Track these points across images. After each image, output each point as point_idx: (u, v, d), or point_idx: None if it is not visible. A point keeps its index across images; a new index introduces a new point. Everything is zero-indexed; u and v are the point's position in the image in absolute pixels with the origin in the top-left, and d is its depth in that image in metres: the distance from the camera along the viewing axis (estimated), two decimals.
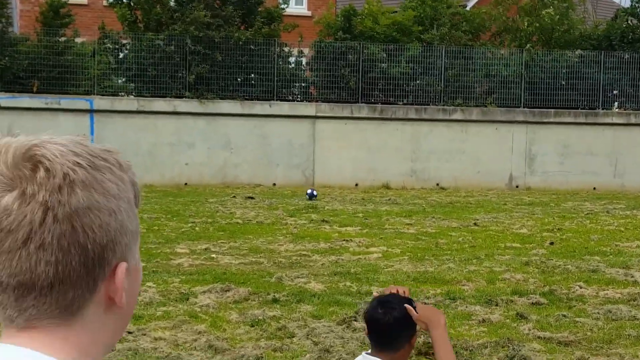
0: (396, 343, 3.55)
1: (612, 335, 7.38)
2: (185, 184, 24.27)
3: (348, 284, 9.55)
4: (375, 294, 3.52)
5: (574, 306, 8.55)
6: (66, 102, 22.82)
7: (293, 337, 7.09)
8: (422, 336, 6.96)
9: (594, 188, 25.28)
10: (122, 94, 25.06)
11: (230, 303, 8.54)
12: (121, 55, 25.35)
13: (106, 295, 0.93)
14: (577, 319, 7.91)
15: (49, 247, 0.86)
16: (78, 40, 23.85)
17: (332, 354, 6.51)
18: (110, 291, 0.93)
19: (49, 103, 22.61)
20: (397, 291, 3.58)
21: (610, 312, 8.16)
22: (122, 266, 0.93)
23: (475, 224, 15.31)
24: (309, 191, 20.20)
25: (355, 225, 15.52)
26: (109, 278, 0.92)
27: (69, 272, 0.87)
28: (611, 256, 11.86)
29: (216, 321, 7.72)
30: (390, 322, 3.54)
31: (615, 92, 26.92)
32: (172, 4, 24.73)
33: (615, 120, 25.80)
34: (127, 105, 24.16)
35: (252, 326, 7.50)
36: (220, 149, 24.65)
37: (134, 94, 24.98)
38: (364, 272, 10.41)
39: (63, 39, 23.35)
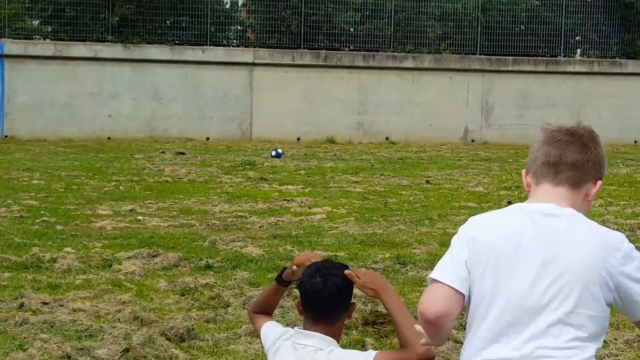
0: (335, 314, 3.58)
1: None
2: (109, 138, 24.08)
3: (289, 248, 9.60)
4: (289, 266, 3.46)
5: None
6: None
7: (228, 306, 7.10)
8: (369, 304, 7.03)
9: None
10: (37, 37, 24.63)
11: (158, 270, 8.52)
12: None
13: None
14: None
15: None
16: None
17: None
18: None
19: None
20: (310, 260, 3.65)
21: None
22: None
23: (427, 181, 15.51)
24: (273, 152, 20.12)
25: (297, 183, 15.60)
26: None
27: None
28: None
29: (142, 290, 7.68)
30: (332, 292, 3.54)
31: (577, 38, 27.36)
32: None
33: (578, 68, 26.34)
34: (43, 50, 23.79)
35: (183, 295, 7.50)
36: (148, 99, 24.50)
37: (50, 37, 24.53)
38: (306, 234, 10.50)
39: None
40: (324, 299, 3.55)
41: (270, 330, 3.81)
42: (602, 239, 3.08)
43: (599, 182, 3.13)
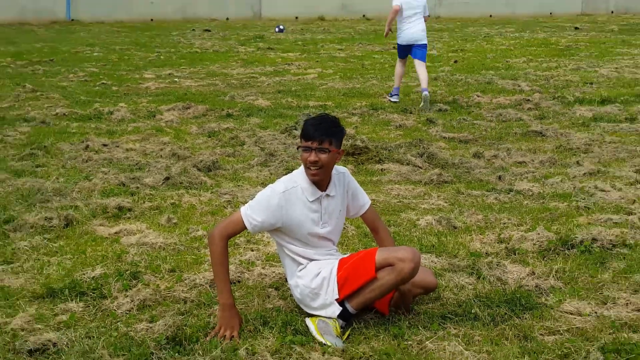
0: (340, 134, 3.37)
1: (502, 134, 7.49)
2: (152, 20, 23.15)
3: (289, 99, 9.41)
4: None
5: (473, 111, 8.63)
6: None
7: (243, 144, 6.99)
8: (349, 140, 6.91)
9: (490, 16, 25.05)
10: None
11: (190, 118, 8.33)
12: None
13: None
14: (475, 122, 7.98)
15: None
16: None
17: (276, 157, 6.49)
18: None
19: None
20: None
21: (501, 115, 8.27)
22: None
23: (394, 47, 15.12)
24: (277, 29, 19.45)
25: (296, 51, 15.19)
26: None
27: None
28: (503, 70, 11.90)
29: (179, 133, 7.55)
30: (333, 118, 3.37)
31: None
32: None
33: None
34: None
35: (209, 137, 7.38)
36: None
37: None
38: (302, 89, 10.29)
39: None
40: (326, 118, 3.38)
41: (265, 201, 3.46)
42: None
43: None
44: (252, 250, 4.22)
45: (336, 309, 3.32)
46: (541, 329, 3.32)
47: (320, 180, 3.34)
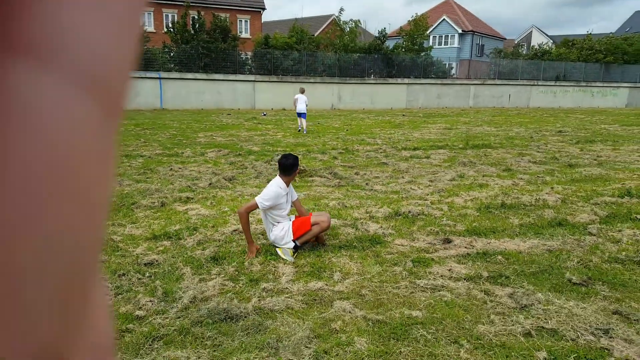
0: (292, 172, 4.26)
1: (368, 163, 8.94)
2: (202, 109, 26.09)
3: (268, 147, 10.74)
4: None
5: (354, 153, 9.93)
6: None
7: (246, 168, 8.11)
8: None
9: (363, 108, 29.69)
10: None
11: (221, 155, 9.63)
12: None
13: None
14: (356, 158, 9.20)
15: None
16: None
17: (263, 174, 7.66)
18: None
19: None
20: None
21: (367, 154, 9.46)
22: None
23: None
24: (262, 114, 21.29)
25: (271, 124, 17.34)
26: None
27: None
28: (369, 134, 13.68)
29: (215, 163, 8.59)
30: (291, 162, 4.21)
31: None
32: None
33: None
34: None
35: (230, 164, 8.53)
36: None
37: None
38: (274, 142, 11.61)
39: None
40: (286, 162, 4.25)
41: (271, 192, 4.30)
42: None
43: None
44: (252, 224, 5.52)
45: (291, 244, 4.36)
46: (383, 252, 4.49)
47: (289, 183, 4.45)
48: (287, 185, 4.46)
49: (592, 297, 3.90)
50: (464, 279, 4.20)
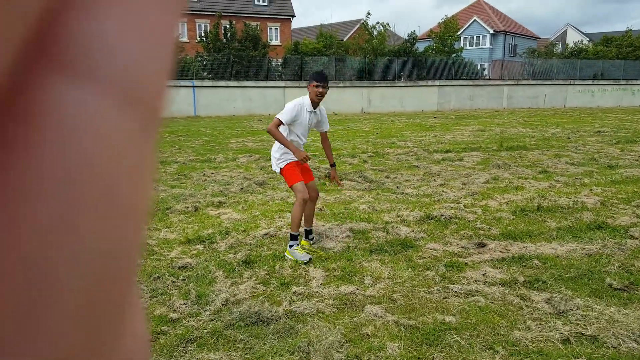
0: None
1: (398, 166, 9.27)
2: (233, 115, 26.68)
3: None
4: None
5: (385, 156, 10.34)
6: None
7: (276, 172, 8.24)
8: None
9: (394, 111, 29.02)
10: None
11: (252, 161, 9.79)
12: None
13: None
14: (386, 161, 9.87)
15: None
16: None
17: None
18: None
19: None
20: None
21: (398, 157, 9.85)
22: None
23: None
24: None
25: None
26: None
27: None
28: (399, 137, 13.79)
29: (247, 168, 8.85)
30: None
31: None
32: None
33: None
34: None
35: (261, 169, 8.72)
36: None
37: None
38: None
39: None
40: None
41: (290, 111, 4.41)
42: None
43: None
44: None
45: (277, 170, 4.65)
46: (415, 257, 4.59)
47: (317, 103, 4.41)
48: (316, 106, 4.49)
49: (634, 302, 3.86)
50: (499, 284, 4.20)
